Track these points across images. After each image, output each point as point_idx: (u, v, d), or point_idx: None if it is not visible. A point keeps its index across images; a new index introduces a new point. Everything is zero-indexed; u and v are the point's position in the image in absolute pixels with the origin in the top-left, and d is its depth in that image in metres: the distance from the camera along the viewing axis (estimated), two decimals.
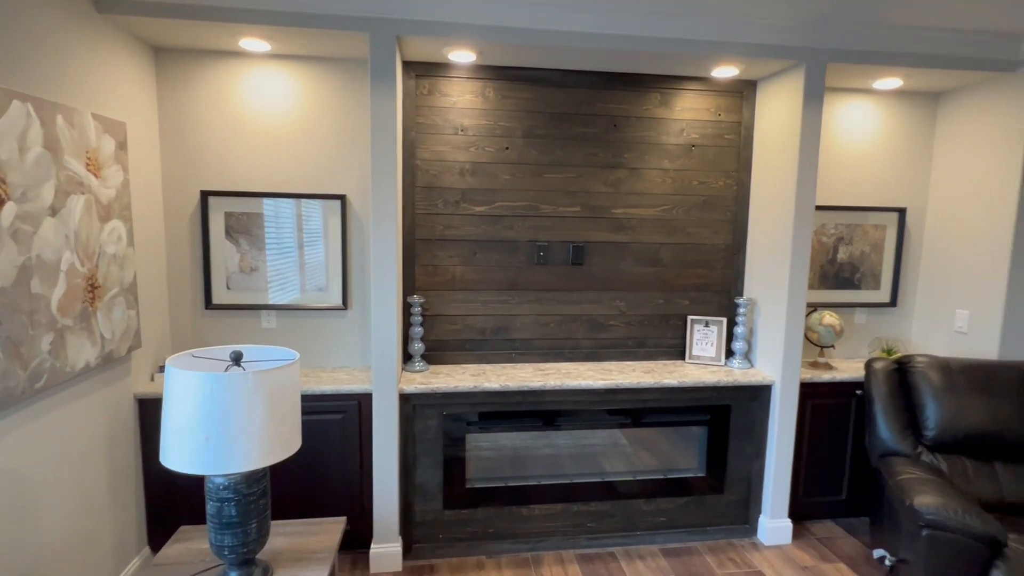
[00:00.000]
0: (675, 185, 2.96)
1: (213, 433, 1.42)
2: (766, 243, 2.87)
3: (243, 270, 2.72)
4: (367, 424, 2.57)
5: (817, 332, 2.97)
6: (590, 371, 2.81)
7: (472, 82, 2.75)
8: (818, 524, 3.02)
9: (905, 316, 3.27)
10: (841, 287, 3.19)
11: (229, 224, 2.68)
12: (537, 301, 2.93)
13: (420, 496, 2.64)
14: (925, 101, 3.13)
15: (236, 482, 1.54)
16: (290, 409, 1.58)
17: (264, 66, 2.64)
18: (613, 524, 2.80)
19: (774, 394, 2.78)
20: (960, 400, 2.49)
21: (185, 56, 2.58)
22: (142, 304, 2.46)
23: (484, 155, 2.80)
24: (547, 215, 2.88)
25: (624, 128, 2.88)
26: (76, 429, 2.03)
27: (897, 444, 2.53)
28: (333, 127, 2.72)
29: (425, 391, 2.54)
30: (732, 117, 2.95)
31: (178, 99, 2.60)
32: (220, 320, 2.74)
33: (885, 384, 2.64)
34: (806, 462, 2.93)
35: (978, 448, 2.46)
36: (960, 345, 2.97)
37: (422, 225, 2.80)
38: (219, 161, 2.66)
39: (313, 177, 2.74)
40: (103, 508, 2.19)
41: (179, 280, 2.69)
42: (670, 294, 3.02)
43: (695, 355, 3.01)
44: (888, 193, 3.17)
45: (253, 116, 2.66)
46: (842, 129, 3.10)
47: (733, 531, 2.89)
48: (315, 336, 2.82)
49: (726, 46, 2.51)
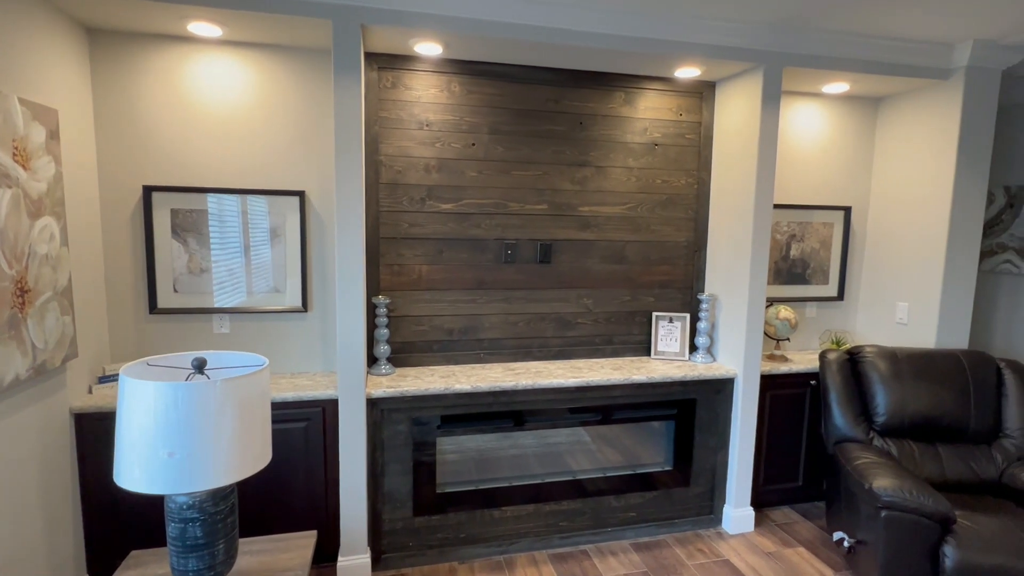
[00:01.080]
0: (639, 183, 2.99)
1: (177, 448, 1.29)
2: (726, 240, 2.95)
3: (192, 271, 2.53)
4: (332, 431, 2.45)
5: (774, 326, 3.09)
6: (560, 369, 2.80)
7: (437, 76, 2.68)
8: (777, 511, 3.14)
9: (851, 309, 3.45)
10: (793, 282, 3.33)
11: (176, 222, 2.49)
12: (505, 300, 2.89)
13: (389, 504, 2.54)
14: (867, 105, 3.31)
15: (202, 500, 1.42)
16: (261, 419, 1.47)
17: (216, 53, 2.46)
18: (584, 522, 2.80)
19: (737, 387, 2.87)
20: (906, 387, 2.64)
21: (123, 39, 2.37)
22: (78, 309, 2.24)
23: (450, 151, 2.74)
24: (514, 213, 2.85)
25: (590, 126, 2.89)
26: (4, 449, 1.82)
27: (851, 431, 2.66)
28: (291, 120, 2.58)
29: (393, 395, 2.45)
30: (692, 117, 3.02)
31: (116, 86, 2.38)
32: (167, 325, 2.54)
33: (838, 374, 2.77)
34: (765, 451, 3.04)
35: (923, 431, 2.62)
36: (901, 335, 3.16)
37: (387, 223, 2.70)
38: (164, 154, 2.46)
39: (270, 172, 2.58)
40: (35, 534, 1.97)
41: (120, 283, 2.47)
42: (636, 291, 3.06)
43: (660, 351, 3.06)
44: (834, 192, 3.34)
45: (204, 106, 2.48)
46: (793, 131, 3.23)
47: (699, 522, 2.95)
48: (273, 340, 2.67)
49: (689, 47, 2.56)
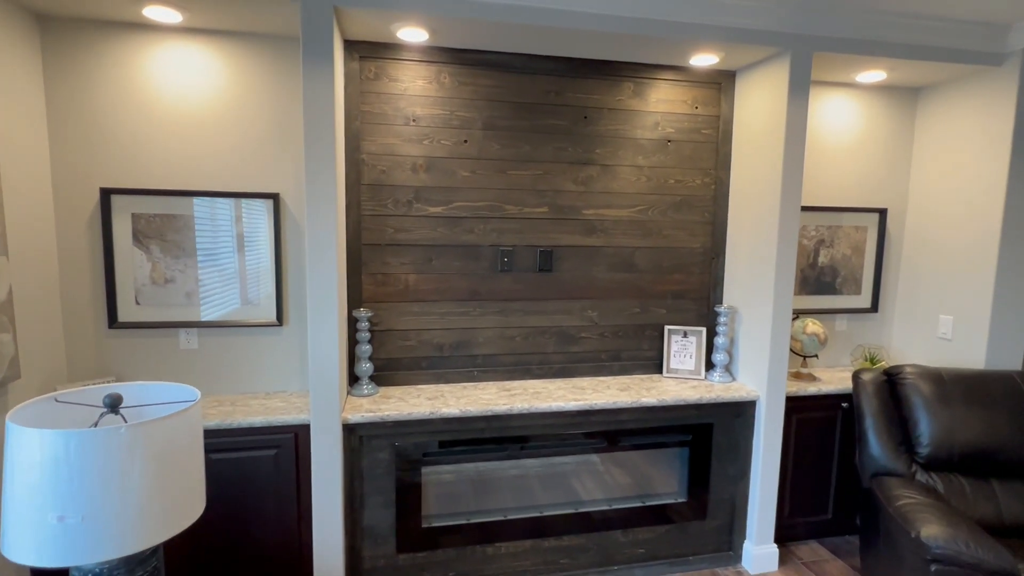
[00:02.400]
0: (650, 184, 2.71)
1: (69, 511, 1.05)
2: (748, 246, 2.65)
3: (156, 281, 2.31)
4: (305, 460, 2.21)
5: (800, 341, 2.78)
6: (560, 389, 2.53)
7: (425, 66, 2.43)
8: (803, 546, 2.83)
9: (886, 322, 3.12)
10: (822, 292, 3.01)
11: (137, 227, 2.27)
12: (501, 312, 2.62)
13: (369, 539, 2.30)
14: (905, 96, 2.99)
15: (113, 568, 1.18)
16: (188, 467, 1.22)
17: (177, 41, 2.24)
18: (588, 559, 2.53)
19: (759, 410, 2.57)
20: (954, 414, 2.33)
21: (77, 26, 2.16)
22: (23, 325, 2.02)
23: (440, 149, 2.48)
24: (512, 216, 2.58)
25: (595, 120, 2.62)
26: None
27: (890, 462, 2.35)
28: (264, 116, 2.34)
29: (373, 420, 2.20)
30: (710, 110, 2.73)
31: (70, 78, 2.17)
32: (128, 341, 2.32)
33: (875, 397, 2.46)
34: (791, 480, 2.73)
35: (974, 465, 2.30)
36: (944, 352, 2.83)
37: (370, 228, 2.46)
38: (124, 154, 2.25)
39: (240, 173, 2.35)
40: None
41: (75, 294, 2.26)
42: (646, 302, 2.77)
43: (673, 368, 2.77)
44: (869, 193, 3.02)
45: (165, 100, 2.26)
46: (822, 125, 2.92)
47: (717, 559, 2.66)
48: (245, 357, 2.44)
49: (706, 30, 2.27)
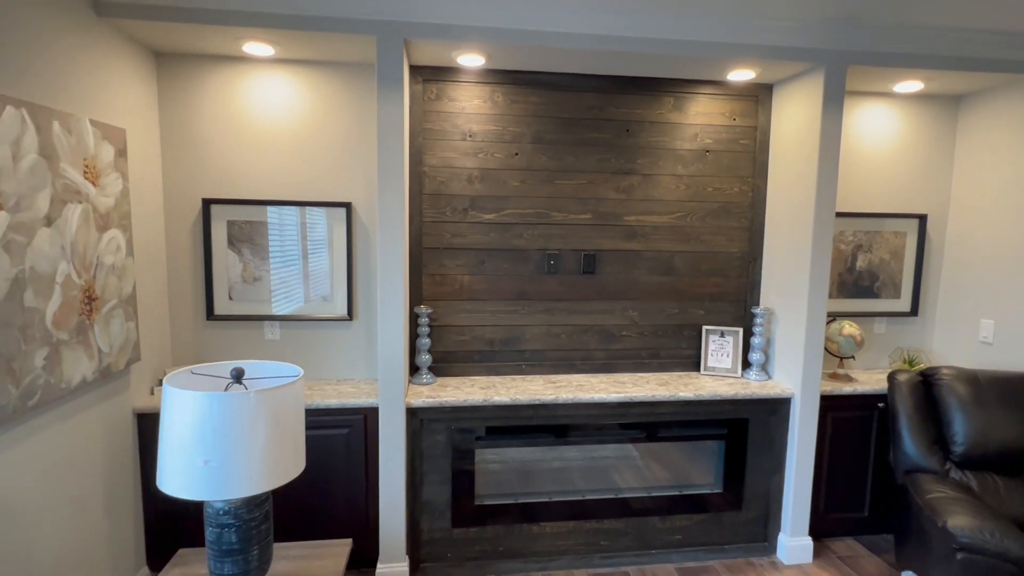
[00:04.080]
0: (689, 191, 2.88)
1: (212, 456, 1.34)
2: (784, 251, 2.78)
3: (246, 280, 2.65)
4: (373, 439, 2.48)
5: (837, 343, 2.88)
6: (602, 383, 2.72)
7: (480, 87, 2.69)
8: (839, 542, 2.91)
9: (927, 326, 3.17)
10: (860, 296, 3.09)
11: (231, 233, 2.62)
12: (547, 311, 2.84)
13: (428, 513, 2.55)
14: (946, 104, 3.04)
15: (236, 507, 1.46)
16: (294, 429, 1.50)
17: (268, 71, 2.57)
18: (627, 542, 2.70)
19: (793, 407, 2.69)
20: (989, 414, 2.39)
21: (187, 61, 2.52)
22: (141, 316, 2.38)
23: (493, 161, 2.73)
24: (557, 223, 2.80)
25: (636, 133, 2.81)
26: (72, 447, 1.95)
27: (924, 460, 2.43)
28: (339, 133, 2.65)
29: (433, 405, 2.46)
30: (747, 122, 2.87)
31: (180, 105, 2.54)
32: (222, 331, 2.67)
33: (910, 397, 2.54)
34: (826, 477, 2.82)
35: (1009, 464, 2.36)
36: (985, 356, 2.87)
37: (429, 233, 2.73)
38: (221, 168, 2.59)
39: (318, 184, 2.67)
40: (100, 527, 2.11)
41: (180, 291, 2.62)
42: (684, 304, 2.94)
43: (710, 366, 2.92)
44: (908, 199, 3.08)
45: (256, 122, 2.59)
46: (860, 134, 3.01)
47: (751, 549, 2.79)
48: (319, 348, 2.74)
49: (742, 48, 2.43)
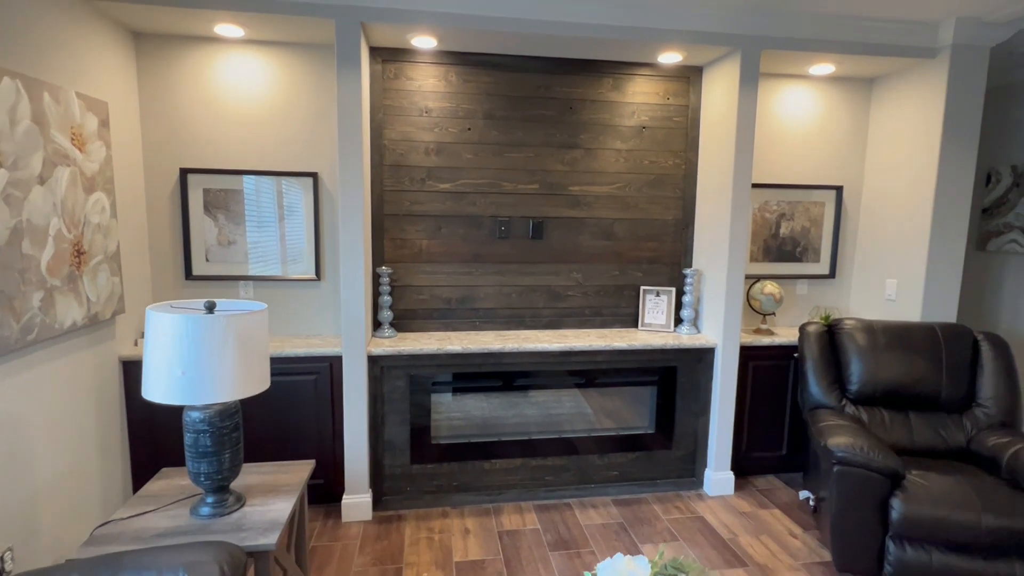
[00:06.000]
0: (627, 164, 3.17)
1: (188, 368, 1.61)
2: (710, 217, 3.10)
3: (221, 243, 2.90)
4: (338, 385, 2.77)
5: (759, 300, 3.21)
6: (548, 337, 3.03)
7: (436, 67, 2.95)
8: (760, 478, 3.27)
9: (844, 286, 3.52)
10: (784, 260, 3.43)
11: (207, 200, 2.86)
12: (499, 273, 3.14)
13: (389, 451, 2.85)
14: (860, 86, 3.37)
15: (211, 416, 1.74)
16: (259, 352, 1.77)
17: (239, 51, 2.81)
18: (569, 477, 3.03)
19: (717, 356, 3.02)
20: (879, 358, 2.74)
21: (163, 41, 2.75)
22: (125, 272, 2.63)
23: (448, 135, 3.00)
24: (508, 192, 3.09)
25: (579, 110, 3.09)
26: (66, 382, 2.21)
27: (824, 398, 2.78)
28: (305, 109, 2.90)
29: (392, 353, 2.74)
30: (680, 101, 3.17)
31: (158, 81, 2.77)
32: (200, 290, 2.92)
33: (816, 344, 2.88)
34: (748, 419, 3.17)
35: (894, 400, 2.71)
36: (890, 311, 3.22)
37: (390, 201, 2.99)
38: (197, 141, 2.83)
39: (287, 156, 2.92)
40: (91, 454, 2.37)
41: (161, 252, 2.87)
42: (624, 266, 3.25)
43: (647, 323, 3.24)
44: (826, 172, 3.42)
45: (229, 98, 2.83)
46: (783, 112, 3.33)
47: (680, 483, 3.13)
48: (291, 305, 3.01)
49: (669, 33, 2.72)
